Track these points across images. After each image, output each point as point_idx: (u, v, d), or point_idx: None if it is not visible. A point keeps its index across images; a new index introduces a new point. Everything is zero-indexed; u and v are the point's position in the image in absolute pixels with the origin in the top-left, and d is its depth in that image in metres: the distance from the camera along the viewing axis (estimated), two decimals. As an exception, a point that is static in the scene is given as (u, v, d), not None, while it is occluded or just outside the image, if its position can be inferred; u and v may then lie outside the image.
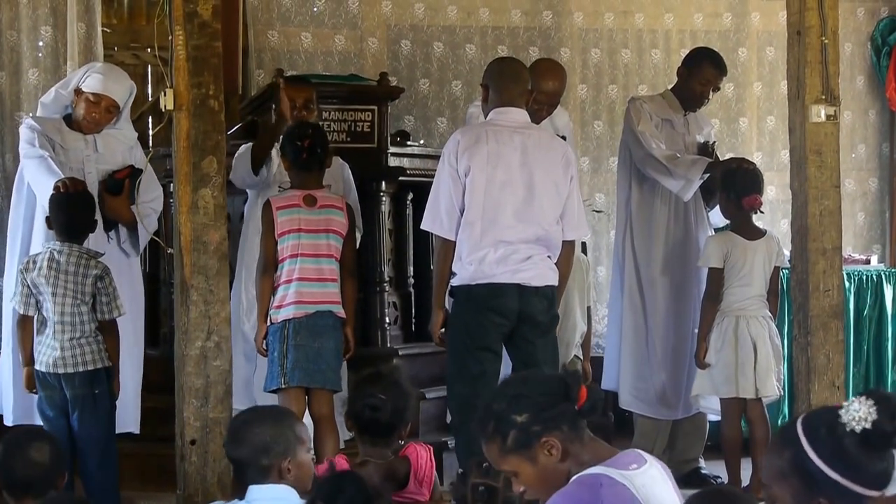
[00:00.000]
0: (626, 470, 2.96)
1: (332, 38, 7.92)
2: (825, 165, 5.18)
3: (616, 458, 3.01)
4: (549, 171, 5.23)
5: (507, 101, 5.27)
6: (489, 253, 5.14)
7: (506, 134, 5.21)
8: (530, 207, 5.19)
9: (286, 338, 5.26)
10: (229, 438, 3.69)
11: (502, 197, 5.16)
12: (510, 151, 5.18)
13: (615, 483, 2.91)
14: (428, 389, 6.60)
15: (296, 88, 5.90)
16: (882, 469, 2.41)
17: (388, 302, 6.79)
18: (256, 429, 3.60)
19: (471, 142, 5.20)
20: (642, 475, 2.97)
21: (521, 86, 5.30)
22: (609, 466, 2.96)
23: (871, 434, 2.38)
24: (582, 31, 8.28)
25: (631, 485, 2.93)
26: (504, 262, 5.14)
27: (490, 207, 5.16)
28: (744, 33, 8.49)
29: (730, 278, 5.99)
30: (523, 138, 5.22)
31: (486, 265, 5.14)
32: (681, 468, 6.37)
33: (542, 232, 5.21)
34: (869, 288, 7.12)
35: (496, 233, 5.15)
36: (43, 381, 5.27)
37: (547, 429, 2.97)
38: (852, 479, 2.40)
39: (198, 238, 4.57)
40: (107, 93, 5.74)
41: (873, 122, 8.67)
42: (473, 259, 5.16)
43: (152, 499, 5.74)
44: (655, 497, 2.97)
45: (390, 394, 4.04)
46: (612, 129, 8.12)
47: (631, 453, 3.07)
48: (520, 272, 5.15)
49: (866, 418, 2.38)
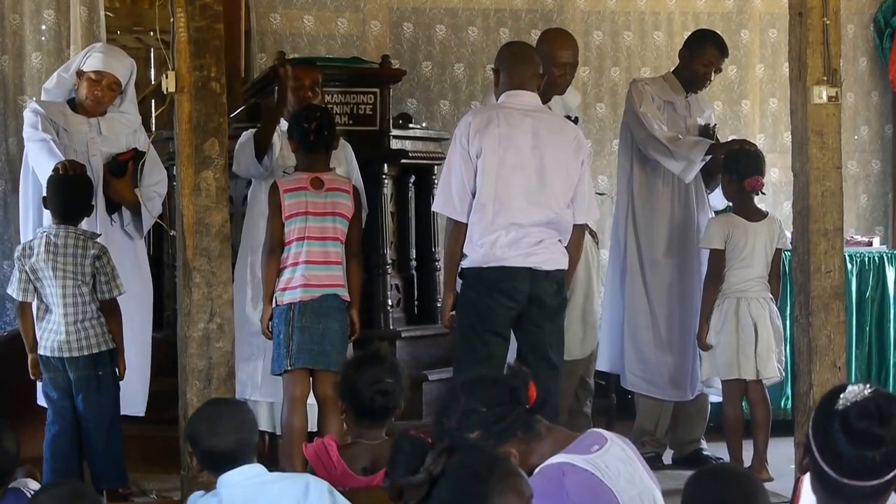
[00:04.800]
0: (587, 454, 2.95)
1: (334, 20, 7.92)
2: (827, 146, 5.18)
3: (576, 443, 3.00)
4: (560, 155, 5.24)
5: (518, 84, 5.27)
6: (501, 236, 5.16)
7: (517, 117, 5.21)
8: (542, 190, 5.20)
9: (291, 320, 5.28)
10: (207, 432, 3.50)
11: (514, 179, 5.17)
12: (521, 134, 5.19)
13: (578, 470, 2.91)
14: (430, 371, 6.63)
15: (304, 69, 5.90)
16: (853, 456, 2.41)
17: (391, 284, 6.81)
18: (231, 413, 3.55)
19: (482, 124, 5.20)
20: (605, 455, 2.97)
21: (532, 68, 5.30)
22: (570, 453, 2.96)
23: (852, 419, 2.39)
24: (584, 13, 8.28)
25: (594, 468, 2.93)
26: (516, 245, 5.15)
27: (502, 190, 5.17)
28: (746, 15, 8.48)
29: (731, 260, 6.00)
30: (534, 121, 5.23)
31: (497, 248, 5.16)
32: (682, 449, 6.40)
33: (553, 215, 5.22)
34: (871, 270, 7.13)
35: (508, 215, 5.16)
36: (46, 363, 5.29)
37: (502, 440, 2.93)
38: (828, 462, 2.42)
39: (200, 220, 4.57)
40: (108, 69, 5.74)
41: (876, 103, 8.67)
42: (485, 242, 5.17)
43: (157, 480, 5.76)
44: (621, 475, 2.96)
45: (394, 376, 4.04)
46: (614, 112, 8.11)
47: (591, 434, 3.06)
48: (531, 256, 5.17)
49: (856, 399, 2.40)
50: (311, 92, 5.80)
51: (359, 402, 4.02)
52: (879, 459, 2.39)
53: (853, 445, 2.39)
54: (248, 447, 3.52)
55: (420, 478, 2.49)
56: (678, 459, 6.38)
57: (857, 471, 2.41)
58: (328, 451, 3.93)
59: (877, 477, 2.41)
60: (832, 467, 2.41)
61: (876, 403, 2.40)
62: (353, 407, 4.04)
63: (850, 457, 2.40)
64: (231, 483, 3.47)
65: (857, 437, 2.39)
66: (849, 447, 2.40)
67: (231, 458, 3.48)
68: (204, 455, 3.53)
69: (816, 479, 2.46)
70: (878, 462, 2.39)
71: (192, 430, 3.58)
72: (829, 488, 2.43)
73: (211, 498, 3.50)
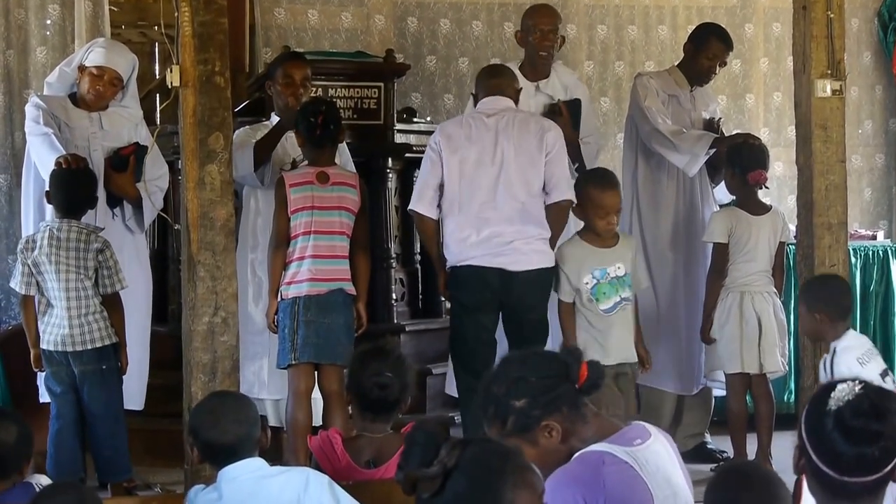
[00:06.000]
0: (629, 446, 2.94)
1: (338, 15, 7.92)
2: (831, 140, 5.19)
3: (620, 434, 2.98)
4: (521, 147, 5.50)
5: (488, 93, 5.62)
6: (472, 234, 5.46)
7: (482, 118, 5.55)
8: (502, 182, 5.48)
9: (296, 314, 5.28)
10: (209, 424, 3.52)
11: (476, 174, 5.47)
12: (484, 132, 5.52)
13: (618, 461, 2.90)
14: (434, 365, 6.63)
15: (293, 65, 5.87)
16: (852, 455, 2.40)
17: (395, 278, 6.81)
18: (234, 406, 3.57)
19: (450, 127, 5.63)
20: (646, 450, 2.96)
21: (501, 78, 5.69)
22: (612, 443, 2.94)
23: (847, 419, 2.38)
24: (588, 7, 8.27)
25: (634, 462, 2.91)
26: (486, 244, 5.43)
27: (465, 186, 5.48)
28: (750, 9, 8.48)
29: (735, 254, 5.99)
30: (497, 119, 5.54)
31: (468, 246, 5.45)
32: (686, 443, 6.39)
33: (518, 205, 5.47)
34: (875, 263, 7.13)
35: (474, 210, 5.47)
36: (49, 358, 5.30)
37: (547, 412, 2.92)
38: (827, 462, 2.42)
39: (205, 214, 4.58)
40: (109, 65, 5.75)
41: (880, 97, 8.66)
42: (457, 239, 5.48)
43: (161, 474, 5.77)
44: (660, 472, 2.96)
45: (396, 371, 4.05)
46: (618, 106, 8.11)
47: (635, 427, 3.04)
48: (500, 256, 5.43)
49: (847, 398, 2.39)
50: (302, 87, 5.79)
51: (361, 395, 4.05)
52: (879, 454, 2.38)
53: (851, 444, 2.38)
54: (249, 441, 3.52)
55: (434, 470, 2.49)
56: (682, 453, 6.34)
57: (857, 468, 2.39)
58: (332, 444, 3.94)
59: (877, 471, 2.39)
60: (831, 467, 2.40)
61: (869, 400, 2.39)
62: (356, 399, 4.06)
63: (850, 455, 2.38)
64: (231, 477, 3.47)
65: (854, 435, 2.37)
66: (847, 446, 2.38)
67: (232, 451, 3.49)
68: (204, 447, 3.54)
69: (815, 480, 2.44)
70: (877, 457, 2.38)
71: (194, 422, 3.59)
72: (830, 488, 2.42)
73: (211, 492, 3.51)
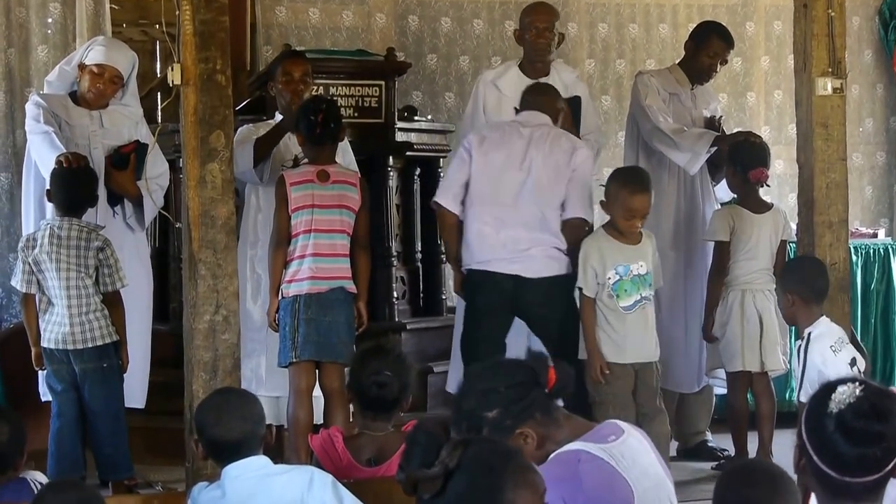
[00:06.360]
0: (604, 443, 2.97)
1: (339, 13, 7.93)
2: (831, 138, 5.18)
3: (594, 432, 3.02)
4: (550, 159, 5.52)
5: (530, 107, 5.68)
6: (491, 233, 5.48)
7: (518, 127, 5.60)
8: (527, 188, 5.49)
9: (297, 312, 5.28)
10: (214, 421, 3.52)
11: (503, 177, 5.49)
12: (517, 139, 5.55)
13: (593, 458, 2.93)
14: (436, 363, 6.64)
15: (293, 62, 5.88)
16: (854, 455, 2.39)
17: (396, 277, 6.82)
18: (239, 403, 3.57)
19: (486, 130, 5.73)
20: (621, 445, 2.99)
21: (544, 97, 5.70)
22: (587, 441, 2.97)
23: (848, 421, 2.38)
24: (589, 5, 8.28)
25: (610, 457, 2.94)
26: (503, 247, 5.46)
27: (491, 185, 5.50)
28: (751, 7, 8.48)
29: (736, 252, 5.99)
30: (532, 130, 5.56)
31: (487, 246, 5.48)
32: (688, 441, 6.40)
33: (539, 213, 5.50)
34: (876, 262, 7.13)
35: (496, 210, 5.48)
36: (50, 356, 5.30)
37: (520, 420, 2.94)
38: (828, 464, 2.42)
39: (206, 212, 4.58)
40: (110, 62, 5.75)
41: (881, 96, 8.67)
42: (476, 235, 5.50)
43: (162, 472, 5.78)
44: (637, 465, 2.99)
45: (395, 369, 4.05)
46: (619, 104, 8.11)
47: (608, 425, 3.08)
48: (515, 263, 5.46)
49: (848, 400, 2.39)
50: (302, 84, 5.79)
51: (361, 393, 4.05)
52: (881, 454, 2.38)
53: (852, 445, 2.37)
54: (253, 439, 3.53)
55: (435, 471, 2.49)
56: (683, 451, 6.38)
57: (858, 468, 2.39)
58: (334, 443, 3.95)
59: (879, 470, 2.40)
60: (833, 468, 2.40)
61: (869, 401, 2.38)
62: (357, 398, 4.07)
63: (851, 456, 2.38)
64: (235, 475, 3.47)
65: (856, 437, 2.37)
66: (848, 447, 2.38)
67: (236, 448, 3.49)
68: (209, 444, 3.54)
69: (816, 481, 2.44)
70: (878, 457, 2.38)
71: (200, 419, 3.60)
72: (831, 487, 2.42)
73: (215, 489, 3.51)
